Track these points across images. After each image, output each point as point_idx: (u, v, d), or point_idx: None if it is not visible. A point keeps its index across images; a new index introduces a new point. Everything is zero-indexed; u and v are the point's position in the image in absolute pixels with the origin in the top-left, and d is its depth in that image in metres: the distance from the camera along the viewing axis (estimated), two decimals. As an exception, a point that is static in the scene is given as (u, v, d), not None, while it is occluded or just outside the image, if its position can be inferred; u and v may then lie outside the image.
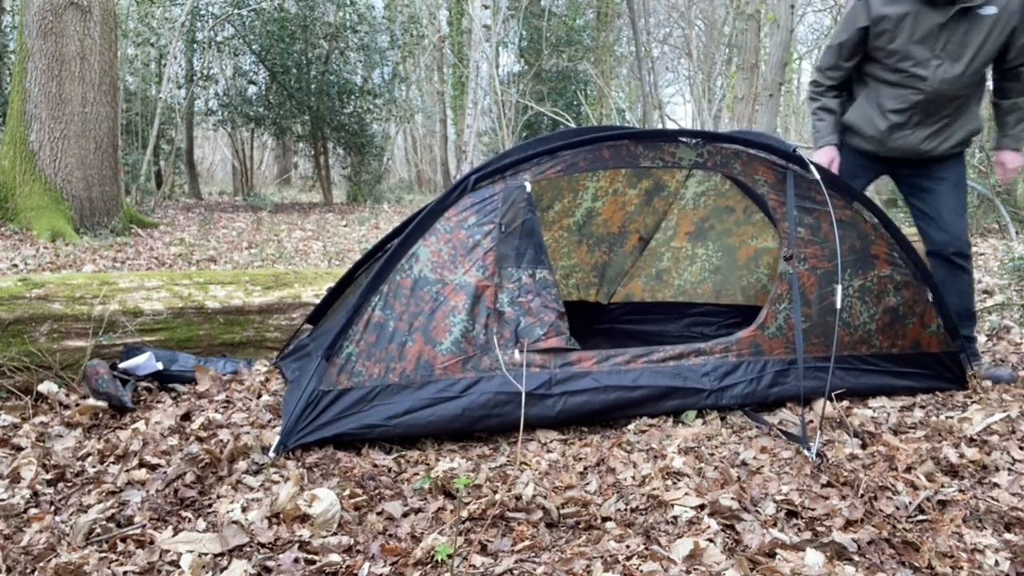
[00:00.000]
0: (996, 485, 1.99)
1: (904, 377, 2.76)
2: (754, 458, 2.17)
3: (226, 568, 1.59)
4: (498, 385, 2.32)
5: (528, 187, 2.47)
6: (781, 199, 2.66)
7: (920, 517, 1.80)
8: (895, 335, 2.75)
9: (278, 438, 2.19)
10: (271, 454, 2.14)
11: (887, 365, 2.73)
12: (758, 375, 2.58)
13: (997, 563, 1.60)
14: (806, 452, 2.15)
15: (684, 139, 2.60)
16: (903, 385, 2.77)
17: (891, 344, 2.74)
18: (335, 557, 1.62)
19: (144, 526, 1.76)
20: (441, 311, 2.33)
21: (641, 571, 1.54)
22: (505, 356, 2.36)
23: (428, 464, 2.18)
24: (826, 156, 2.96)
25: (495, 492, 1.91)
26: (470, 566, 1.60)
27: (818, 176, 2.64)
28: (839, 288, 2.47)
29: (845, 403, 2.66)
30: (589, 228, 3.80)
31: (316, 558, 1.62)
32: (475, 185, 2.44)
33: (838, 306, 2.48)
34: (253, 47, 14.01)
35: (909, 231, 3.25)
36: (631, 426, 2.48)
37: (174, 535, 1.73)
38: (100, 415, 2.56)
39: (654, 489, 1.93)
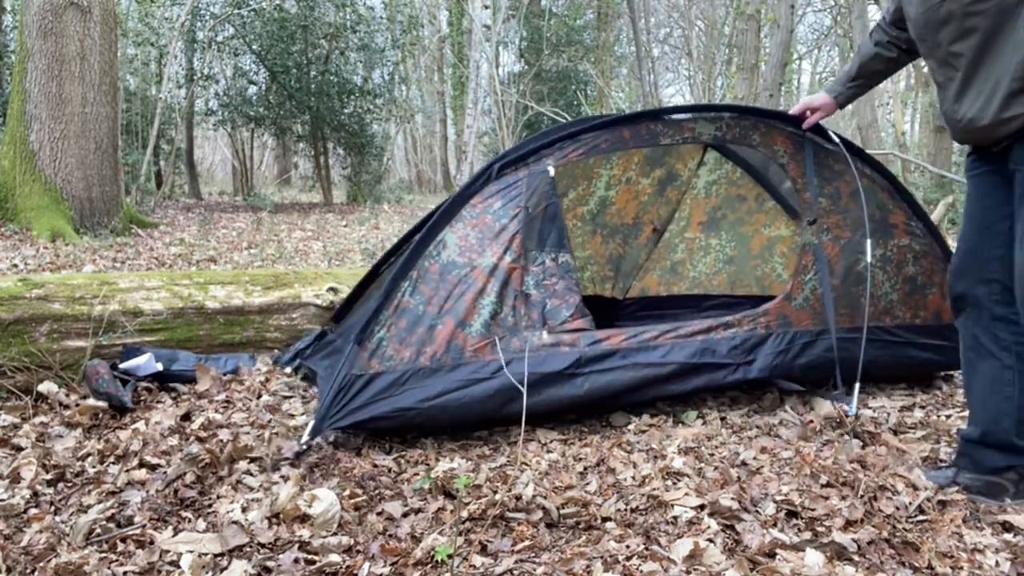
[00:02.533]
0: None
1: (927, 349, 2.76)
2: (754, 458, 2.17)
3: (226, 568, 1.59)
4: (528, 366, 2.32)
5: (552, 172, 2.50)
6: (801, 169, 2.67)
7: (920, 517, 1.80)
8: (917, 305, 2.75)
9: (311, 422, 2.19)
10: (305, 437, 2.16)
11: (910, 336, 2.73)
12: (787, 346, 2.59)
13: (997, 564, 1.60)
14: (846, 408, 2.22)
15: (703, 114, 2.62)
16: (925, 357, 2.76)
17: (913, 315, 2.74)
18: (335, 557, 1.62)
19: (144, 526, 1.76)
20: (471, 293, 2.35)
21: (641, 571, 1.54)
22: (533, 337, 2.37)
23: (428, 464, 2.18)
24: (801, 105, 2.59)
25: (495, 492, 1.91)
26: (470, 566, 1.60)
27: (839, 142, 2.66)
28: (868, 242, 2.52)
29: (844, 405, 2.66)
30: (603, 218, 3.81)
31: (316, 558, 1.62)
32: (499, 172, 2.48)
33: (868, 259, 2.52)
34: (253, 47, 14.01)
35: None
36: (631, 426, 2.48)
37: (174, 535, 1.72)
38: (100, 415, 2.56)
39: (654, 489, 1.93)
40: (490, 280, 2.37)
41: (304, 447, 2.16)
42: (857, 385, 2.35)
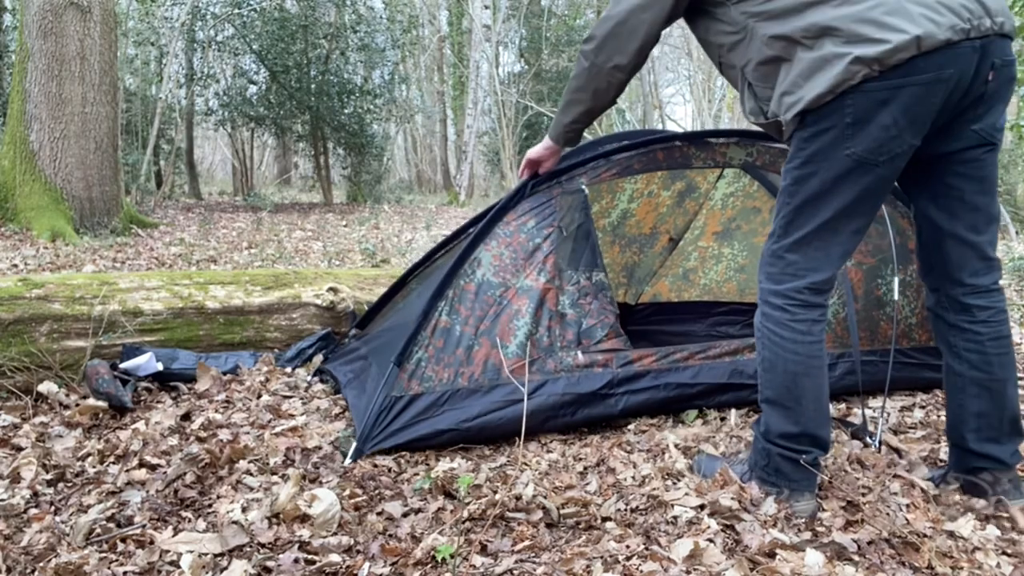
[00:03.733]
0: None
1: (938, 370, 2.78)
2: (754, 458, 2.17)
3: (226, 568, 1.59)
4: (563, 387, 2.36)
5: (585, 191, 2.52)
6: None
7: (920, 517, 1.80)
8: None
9: (354, 444, 2.20)
10: (348, 461, 2.15)
11: (924, 358, 2.77)
12: None
13: (999, 565, 1.60)
14: (868, 440, 2.22)
15: (734, 140, 2.66)
16: (937, 377, 2.79)
17: (929, 337, 2.77)
18: (335, 557, 1.62)
19: (144, 526, 1.76)
20: (506, 314, 2.37)
21: (641, 571, 1.54)
22: (568, 358, 2.40)
23: (428, 464, 2.18)
24: None
25: (495, 492, 1.91)
26: (470, 566, 1.60)
27: None
28: (896, 280, 2.57)
29: (843, 405, 2.66)
30: (623, 229, 3.85)
31: (316, 558, 1.62)
32: (532, 190, 2.49)
33: (896, 297, 2.59)
34: (253, 47, 14.00)
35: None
36: (631, 426, 2.48)
37: (174, 535, 1.73)
38: (100, 415, 2.56)
39: (654, 489, 1.93)
40: (524, 300, 2.39)
41: (343, 469, 2.14)
42: (883, 415, 2.37)
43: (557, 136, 2.26)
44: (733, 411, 2.59)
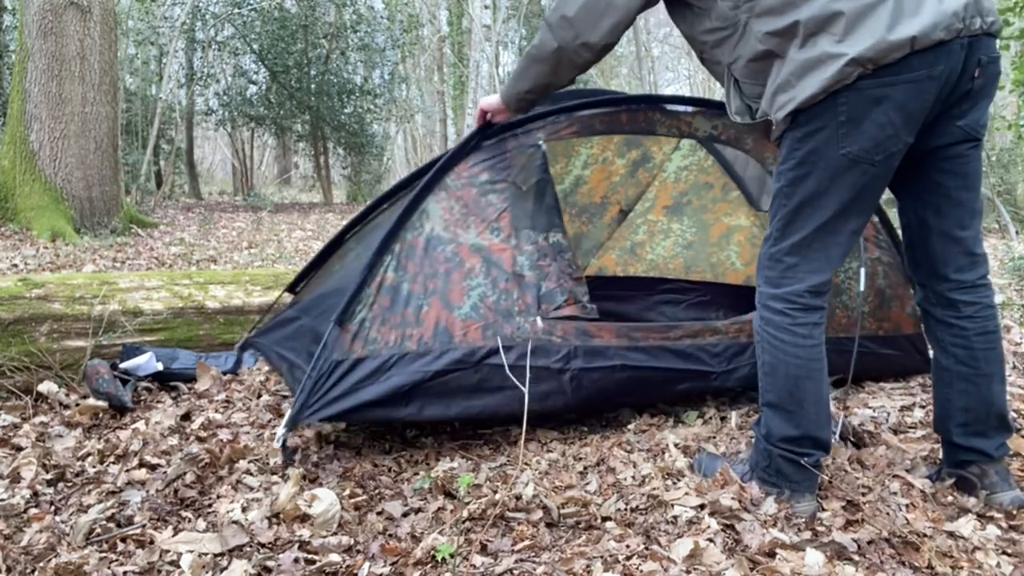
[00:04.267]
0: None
1: (883, 359, 2.78)
2: (754, 458, 2.17)
3: (226, 568, 1.59)
4: (514, 358, 2.17)
5: (543, 146, 2.35)
6: None
7: (919, 517, 1.80)
8: (882, 317, 2.76)
9: (288, 414, 2.03)
10: (281, 431, 2.03)
11: (873, 346, 2.74)
12: None
13: (999, 565, 1.60)
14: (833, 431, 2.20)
15: (702, 109, 2.55)
16: (882, 366, 2.80)
17: (878, 326, 2.75)
18: (335, 557, 1.62)
19: (144, 526, 1.76)
20: (458, 273, 2.19)
21: (641, 571, 1.54)
22: (527, 324, 2.23)
23: (428, 464, 2.18)
24: None
25: (495, 492, 1.91)
26: (470, 566, 1.60)
27: None
28: (863, 270, 2.50)
29: (842, 405, 2.65)
30: (574, 197, 3.73)
31: (316, 558, 1.62)
32: (485, 140, 2.31)
33: (861, 288, 2.52)
34: (253, 47, 14.01)
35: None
36: (631, 426, 2.48)
37: (174, 535, 1.73)
38: (100, 415, 2.56)
39: (654, 489, 1.93)
40: (477, 259, 2.21)
41: (281, 443, 2.02)
42: (843, 408, 2.33)
43: (508, 100, 2.11)
44: (733, 412, 2.58)
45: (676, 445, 2.25)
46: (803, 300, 1.77)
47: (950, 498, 1.88)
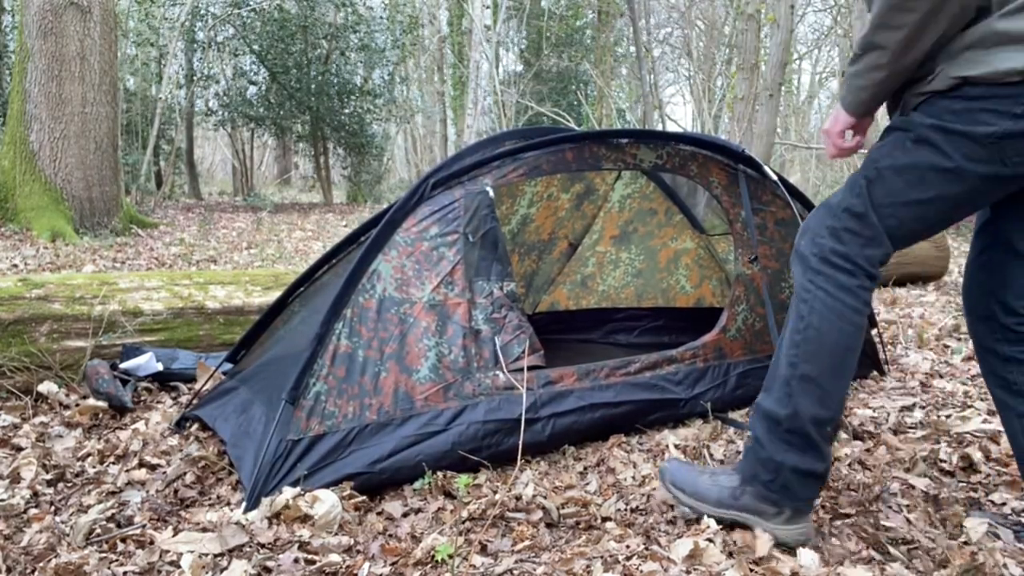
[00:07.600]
0: (997, 485, 1.99)
1: None
2: (754, 458, 2.16)
3: (226, 568, 1.59)
4: (483, 414, 2.11)
5: (491, 192, 2.27)
6: (733, 200, 2.66)
7: (919, 516, 1.80)
8: None
9: (243, 503, 1.83)
10: (239, 514, 1.80)
11: None
12: (723, 379, 2.57)
13: (1005, 565, 1.60)
14: None
15: (644, 140, 2.53)
16: None
17: None
18: (335, 557, 1.62)
19: (144, 526, 1.76)
20: (412, 334, 2.09)
21: (641, 571, 1.54)
22: (487, 380, 2.15)
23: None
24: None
25: (495, 492, 1.91)
26: (470, 566, 1.60)
27: (774, 177, 2.69)
28: None
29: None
30: (522, 236, 3.72)
31: (316, 558, 1.62)
32: (432, 191, 2.22)
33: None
34: (253, 47, 14.02)
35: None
36: (631, 426, 2.48)
37: (174, 535, 1.73)
38: (100, 415, 2.56)
39: (654, 489, 1.93)
40: (432, 316, 2.12)
41: (247, 522, 1.76)
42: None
43: (853, 102, 1.63)
44: (734, 413, 2.59)
45: (676, 446, 2.26)
46: (872, 269, 1.58)
47: (952, 499, 1.88)
